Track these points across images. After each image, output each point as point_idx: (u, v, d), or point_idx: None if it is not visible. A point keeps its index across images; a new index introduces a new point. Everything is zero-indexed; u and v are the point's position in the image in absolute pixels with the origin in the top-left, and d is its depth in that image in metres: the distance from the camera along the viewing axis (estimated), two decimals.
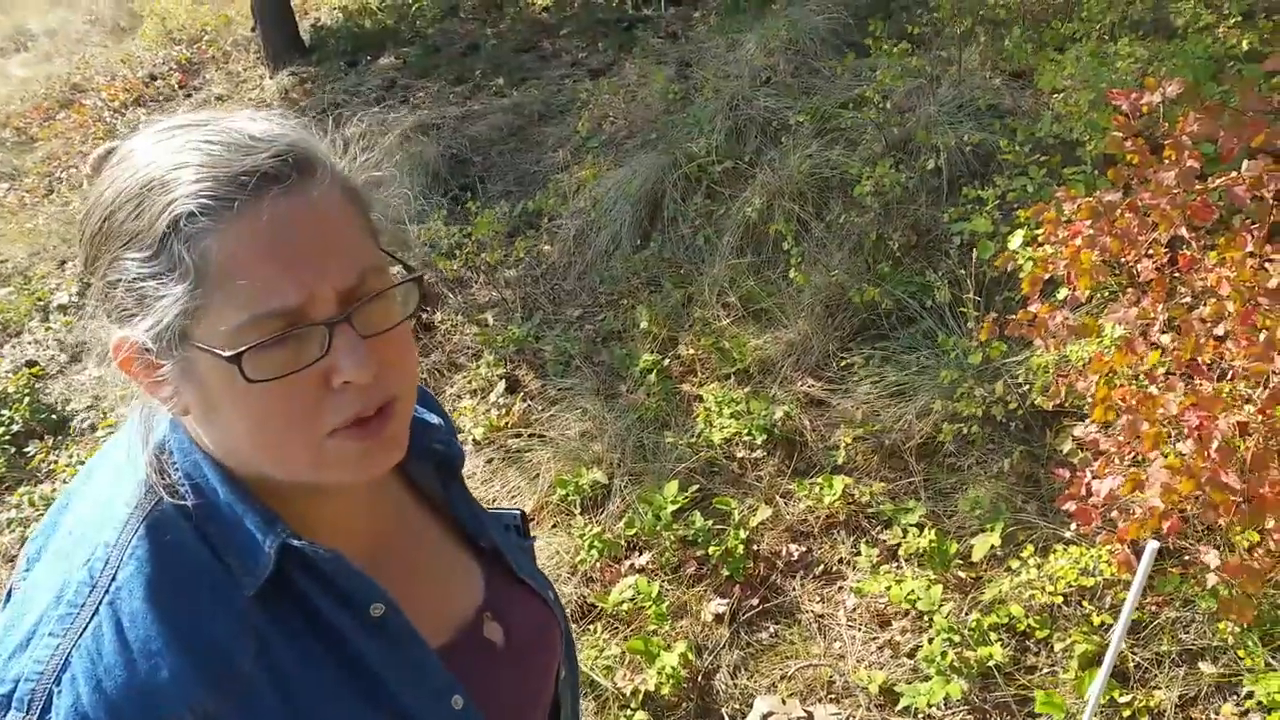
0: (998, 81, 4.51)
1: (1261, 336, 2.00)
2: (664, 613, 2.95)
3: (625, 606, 3.00)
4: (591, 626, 3.00)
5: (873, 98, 4.41)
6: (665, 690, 2.75)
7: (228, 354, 0.72)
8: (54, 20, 11.16)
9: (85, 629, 0.74)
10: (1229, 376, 2.24)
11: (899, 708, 2.64)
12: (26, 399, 4.77)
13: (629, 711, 2.73)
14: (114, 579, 0.75)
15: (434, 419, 1.04)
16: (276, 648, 0.79)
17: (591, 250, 4.73)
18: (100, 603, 0.74)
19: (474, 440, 3.84)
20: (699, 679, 2.83)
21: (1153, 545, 1.49)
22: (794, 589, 3.07)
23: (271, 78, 7.92)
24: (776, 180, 4.36)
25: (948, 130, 4.18)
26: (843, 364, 3.76)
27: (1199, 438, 2.06)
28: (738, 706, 2.76)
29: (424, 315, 4.51)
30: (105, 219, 0.75)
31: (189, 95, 8.18)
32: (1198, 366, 2.28)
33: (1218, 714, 2.51)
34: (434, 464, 1.03)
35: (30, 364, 5.14)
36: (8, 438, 4.57)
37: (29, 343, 5.39)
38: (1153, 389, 2.27)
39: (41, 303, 5.70)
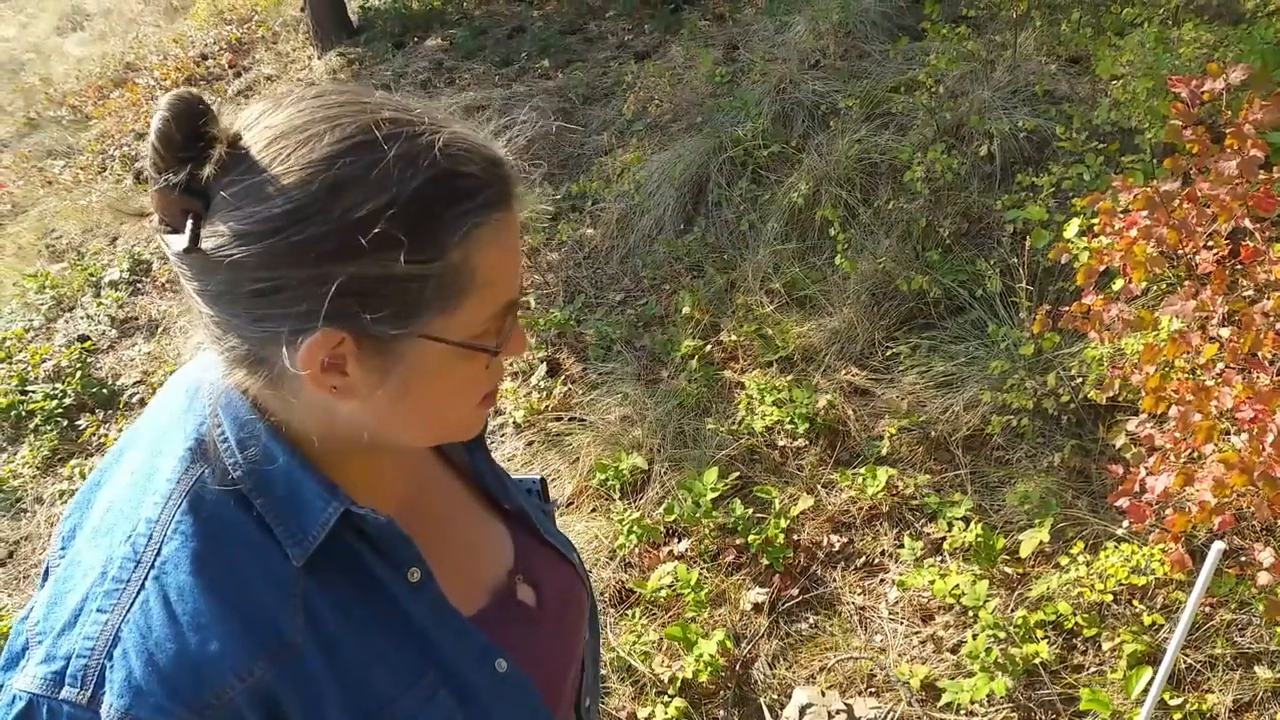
0: (1054, 67, 4.41)
1: None
2: (703, 600, 2.93)
3: (664, 593, 2.98)
4: (630, 612, 2.99)
5: (925, 82, 4.33)
6: (703, 678, 2.74)
7: (494, 346, 0.81)
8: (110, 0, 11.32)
9: (133, 604, 0.74)
10: None
11: (941, 703, 2.60)
12: (78, 373, 4.86)
13: (666, 698, 2.72)
14: (159, 554, 0.76)
15: None
16: (324, 616, 0.79)
17: (634, 234, 4.70)
18: (146, 578, 0.75)
19: (515, 423, 3.84)
20: (737, 668, 2.81)
21: (1218, 545, 1.44)
22: (835, 580, 3.04)
23: (319, 58, 7.97)
24: (824, 165, 4.29)
25: (1002, 116, 4.09)
26: (888, 353, 3.70)
27: (1254, 431, 1.99)
28: (776, 697, 2.73)
29: None
30: (374, 219, 0.71)
31: (239, 75, 8.25)
32: (1256, 360, 2.21)
33: (1274, 719, 2.44)
34: None
35: (82, 339, 5.23)
36: (60, 411, 4.66)
37: (81, 318, 5.48)
38: (1208, 381, 2.20)
39: (94, 278, 5.79)
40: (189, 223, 0.71)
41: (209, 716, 0.73)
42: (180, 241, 0.71)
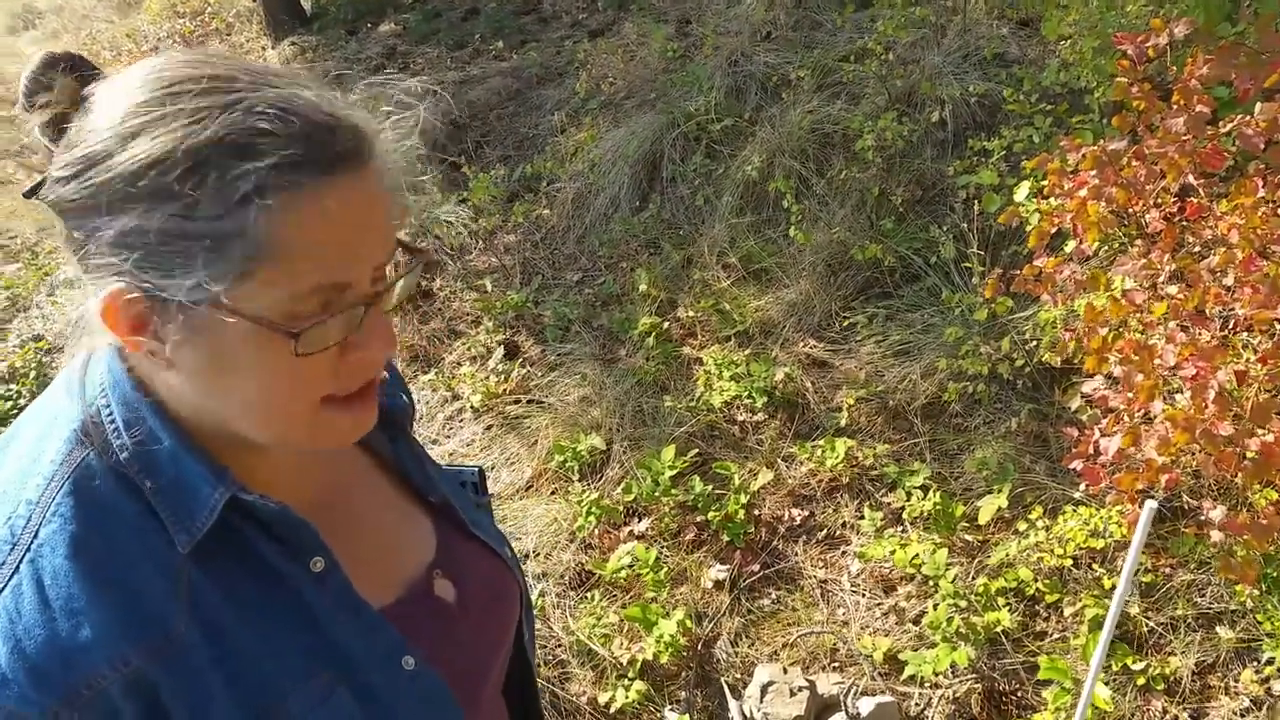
0: (1004, 30, 4.38)
1: (1267, 285, 1.90)
2: (663, 580, 2.90)
3: (624, 574, 2.94)
4: (590, 594, 2.95)
5: (875, 50, 4.28)
6: (664, 659, 2.70)
7: (292, 329, 0.72)
8: None
9: (4, 588, 0.72)
10: (1231, 325, 2.14)
11: (904, 676, 2.57)
12: (33, 373, 4.76)
13: (627, 681, 2.68)
14: (35, 536, 0.73)
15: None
16: (212, 605, 0.76)
17: (590, 213, 4.65)
18: (20, 561, 0.72)
19: (472, 407, 3.79)
20: (699, 647, 2.78)
21: (1150, 504, 1.41)
22: (796, 554, 3.01)
23: (273, 48, 7.85)
24: (777, 137, 4.25)
25: (952, 81, 4.05)
26: (845, 324, 3.67)
27: (1196, 388, 1.97)
28: (738, 675, 2.71)
29: (423, 282, 4.46)
30: (153, 168, 0.69)
31: None
32: (1201, 317, 2.19)
33: (1237, 680, 2.43)
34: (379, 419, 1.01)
35: (37, 339, 5.12)
36: (15, 413, 4.56)
37: (36, 318, 5.38)
38: (1154, 340, 2.18)
39: (48, 278, 5.69)
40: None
41: (79, 706, 0.70)
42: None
